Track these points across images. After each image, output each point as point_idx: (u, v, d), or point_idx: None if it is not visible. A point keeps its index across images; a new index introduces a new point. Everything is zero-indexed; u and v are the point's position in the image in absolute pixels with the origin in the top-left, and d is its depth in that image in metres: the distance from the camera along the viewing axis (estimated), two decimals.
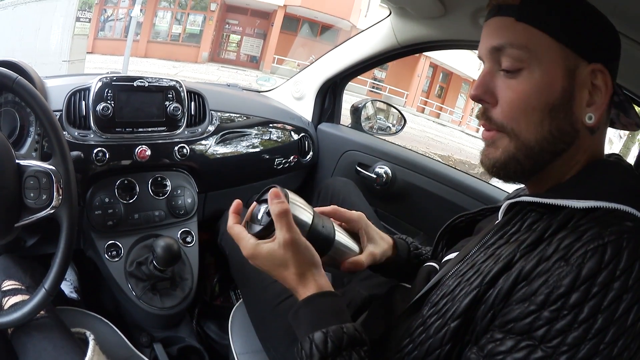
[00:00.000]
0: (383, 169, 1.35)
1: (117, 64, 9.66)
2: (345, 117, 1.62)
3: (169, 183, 1.08)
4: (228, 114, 1.24)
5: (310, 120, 1.55)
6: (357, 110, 1.56)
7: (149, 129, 1.04)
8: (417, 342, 0.53)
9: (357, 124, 1.56)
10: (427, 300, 0.56)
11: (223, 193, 1.27)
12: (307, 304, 0.55)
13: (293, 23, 17.10)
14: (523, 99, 0.52)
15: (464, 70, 16.81)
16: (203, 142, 1.15)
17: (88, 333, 0.77)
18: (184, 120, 1.09)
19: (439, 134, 13.89)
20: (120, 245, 0.99)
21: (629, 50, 0.71)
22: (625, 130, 0.62)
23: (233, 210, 0.61)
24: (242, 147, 1.27)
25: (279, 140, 1.39)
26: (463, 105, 19.13)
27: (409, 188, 1.32)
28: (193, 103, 1.12)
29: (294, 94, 1.58)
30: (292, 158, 1.42)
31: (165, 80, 1.07)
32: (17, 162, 0.70)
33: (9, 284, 0.81)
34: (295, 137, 1.44)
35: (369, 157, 1.41)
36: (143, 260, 0.98)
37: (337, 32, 16.73)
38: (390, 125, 1.65)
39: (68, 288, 1.14)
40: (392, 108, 1.67)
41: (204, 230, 1.16)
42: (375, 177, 1.35)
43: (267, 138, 1.35)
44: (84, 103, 0.96)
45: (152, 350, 0.99)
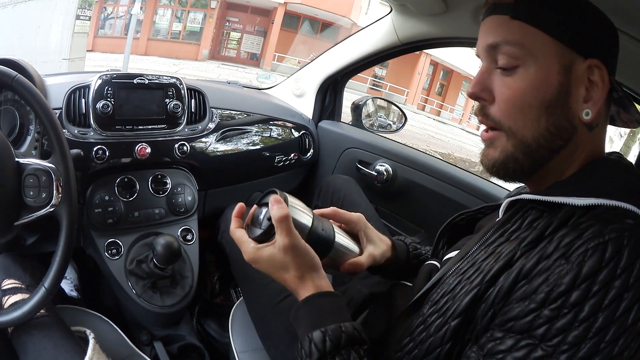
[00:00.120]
0: (384, 167, 1.35)
1: (117, 62, 9.66)
2: (346, 114, 1.62)
3: (169, 181, 1.08)
4: (228, 112, 1.24)
5: (311, 118, 1.55)
6: (357, 108, 1.55)
7: (149, 127, 1.03)
8: (417, 340, 0.53)
9: (357, 122, 1.55)
10: (427, 299, 0.56)
11: (223, 191, 1.27)
12: (306, 304, 0.56)
13: (293, 20, 17.08)
14: (519, 96, 0.52)
15: (465, 68, 16.76)
16: (203, 139, 1.14)
17: (88, 331, 0.77)
18: (184, 118, 1.09)
19: (440, 132, 13.89)
20: (121, 243, 0.99)
21: (629, 47, 0.71)
22: (626, 128, 0.62)
23: (236, 214, 0.62)
24: (242, 144, 1.26)
25: (280, 138, 1.39)
26: (463, 103, 19.10)
27: (410, 186, 1.32)
28: (193, 100, 1.12)
29: (295, 92, 1.57)
30: (292, 155, 1.41)
31: (166, 78, 1.06)
32: (16, 160, 0.70)
33: (9, 283, 0.81)
34: (296, 134, 1.44)
35: (370, 154, 1.41)
36: (143, 258, 0.98)
37: (337, 29, 16.70)
38: (391, 123, 1.65)
39: (68, 286, 1.14)
40: (392, 105, 1.67)
41: (204, 228, 1.15)
42: (376, 174, 1.35)
43: (267, 135, 1.35)
44: (84, 101, 0.96)
45: (152, 349, 0.99)
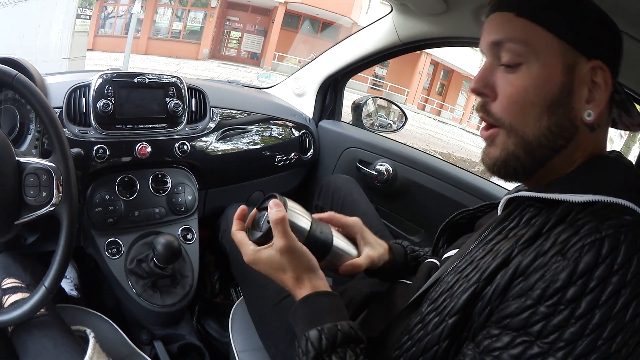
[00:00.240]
0: (384, 166, 1.35)
1: (117, 61, 9.66)
2: (346, 114, 1.62)
3: (170, 180, 1.08)
4: (229, 111, 1.24)
5: (311, 117, 1.55)
6: (358, 107, 1.55)
7: (150, 126, 1.03)
8: (415, 338, 0.53)
9: (358, 121, 1.55)
10: (426, 297, 0.56)
11: (224, 190, 1.27)
12: (303, 303, 0.57)
13: (294, 20, 17.07)
14: (522, 94, 0.52)
15: (465, 68, 16.75)
16: (204, 138, 1.14)
17: (88, 331, 0.77)
18: (185, 117, 1.08)
19: (440, 132, 13.89)
20: (121, 243, 0.99)
21: (632, 49, 0.70)
22: (628, 131, 0.62)
23: (237, 217, 0.64)
24: (242, 144, 1.26)
25: (280, 137, 1.39)
26: (464, 103, 19.11)
27: (410, 185, 1.32)
28: (194, 100, 1.12)
29: (295, 91, 1.57)
30: (292, 155, 1.41)
31: (166, 77, 1.06)
32: (17, 159, 0.70)
33: (9, 282, 0.81)
34: (296, 134, 1.44)
35: (370, 154, 1.41)
36: (143, 258, 0.97)
37: (338, 29, 16.69)
38: (391, 123, 1.65)
39: (68, 286, 1.14)
40: (393, 105, 1.66)
41: (205, 228, 1.15)
42: (376, 174, 1.35)
43: (267, 135, 1.35)
44: (84, 100, 0.96)
45: (152, 348, 0.99)
